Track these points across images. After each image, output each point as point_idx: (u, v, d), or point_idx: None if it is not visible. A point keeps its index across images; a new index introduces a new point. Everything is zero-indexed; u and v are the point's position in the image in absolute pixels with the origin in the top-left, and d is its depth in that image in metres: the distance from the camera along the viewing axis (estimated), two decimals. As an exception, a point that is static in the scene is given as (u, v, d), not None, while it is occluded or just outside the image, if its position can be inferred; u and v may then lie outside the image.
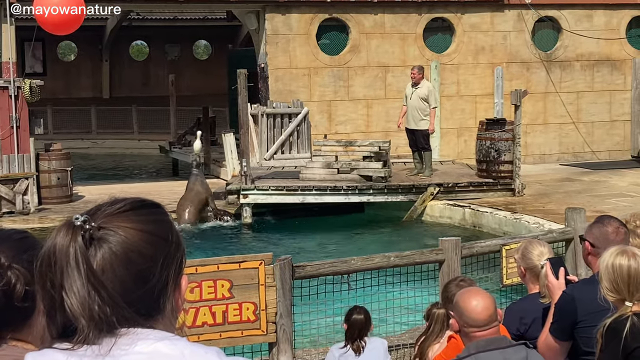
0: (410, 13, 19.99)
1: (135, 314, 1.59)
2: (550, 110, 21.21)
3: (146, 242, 1.64)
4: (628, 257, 3.53)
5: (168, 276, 1.66)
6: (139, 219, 1.67)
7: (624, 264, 3.51)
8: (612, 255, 3.57)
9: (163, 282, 1.65)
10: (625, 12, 21.55)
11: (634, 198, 14.66)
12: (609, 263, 3.55)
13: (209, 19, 32.23)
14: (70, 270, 1.57)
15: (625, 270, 3.50)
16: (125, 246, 1.62)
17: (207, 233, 15.34)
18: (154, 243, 1.65)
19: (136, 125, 29.73)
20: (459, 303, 3.76)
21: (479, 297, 3.74)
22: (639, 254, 3.55)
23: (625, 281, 3.49)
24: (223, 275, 6.15)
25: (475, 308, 3.68)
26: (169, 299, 1.66)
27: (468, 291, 3.88)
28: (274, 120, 16.13)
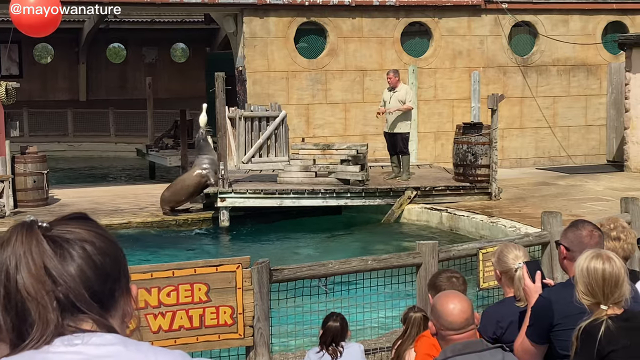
0: (388, 17, 20.05)
1: (96, 313, 1.60)
2: (526, 115, 21.34)
3: (101, 240, 1.67)
4: (603, 260, 3.55)
5: (120, 275, 1.68)
6: (88, 223, 1.71)
7: (599, 267, 3.53)
8: (587, 258, 3.59)
9: (118, 281, 1.67)
10: (601, 17, 21.73)
11: (609, 202, 14.77)
12: (584, 266, 3.57)
13: (187, 21, 32.16)
14: (29, 267, 1.58)
15: (600, 274, 3.51)
16: (82, 243, 1.64)
17: (184, 237, 15.29)
18: (107, 242, 1.68)
19: (113, 128, 29.59)
20: (436, 306, 3.78)
21: (456, 301, 3.76)
22: (613, 257, 3.58)
23: (599, 284, 3.51)
24: (200, 278, 6.13)
25: (452, 311, 3.70)
26: (123, 300, 1.67)
27: (445, 294, 3.90)
28: (251, 123, 16.11)
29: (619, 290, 3.52)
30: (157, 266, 6.23)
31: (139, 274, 5.87)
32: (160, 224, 15.54)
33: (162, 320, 5.99)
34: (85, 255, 1.63)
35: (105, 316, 1.63)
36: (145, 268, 6.13)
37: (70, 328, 1.59)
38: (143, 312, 5.82)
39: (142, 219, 15.56)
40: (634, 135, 19.49)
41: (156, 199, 17.28)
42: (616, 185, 17.31)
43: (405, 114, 15.74)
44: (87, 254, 1.63)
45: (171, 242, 14.87)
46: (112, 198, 17.44)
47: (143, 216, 15.73)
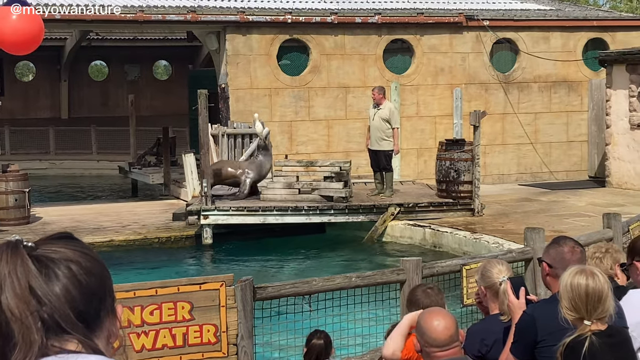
0: (370, 34, 20.13)
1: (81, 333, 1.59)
2: (508, 131, 21.44)
3: (86, 260, 1.66)
4: (586, 276, 3.56)
5: (106, 295, 1.67)
6: (73, 242, 1.70)
7: (582, 283, 3.54)
8: (571, 274, 3.60)
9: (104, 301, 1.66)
10: (581, 34, 21.91)
11: (591, 218, 14.84)
12: (568, 282, 3.58)
13: (169, 39, 32.17)
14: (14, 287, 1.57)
15: (583, 289, 3.53)
16: (68, 263, 1.63)
17: (168, 255, 15.23)
18: (93, 261, 1.67)
19: (95, 145, 29.49)
20: (421, 323, 3.78)
21: (440, 317, 3.76)
22: (597, 273, 3.59)
23: (583, 300, 3.52)
24: (183, 297, 6.10)
25: (437, 328, 3.69)
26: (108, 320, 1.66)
27: (430, 311, 3.90)
28: (234, 140, 16.10)
29: (602, 306, 3.53)
30: (140, 284, 6.20)
31: (121, 292, 5.83)
32: (143, 242, 15.47)
33: (145, 339, 5.95)
34: (71, 274, 1.62)
35: (91, 336, 1.62)
36: (128, 286, 6.09)
37: (55, 348, 1.58)
38: (126, 331, 5.77)
39: (124, 237, 15.49)
40: (615, 151, 19.63)
41: (139, 217, 17.25)
42: (598, 201, 17.40)
43: (386, 131, 15.77)
44: (73, 274, 1.62)
45: (154, 260, 14.80)
46: (94, 216, 17.36)
47: (126, 234, 15.66)
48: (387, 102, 16.23)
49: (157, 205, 18.83)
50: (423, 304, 4.65)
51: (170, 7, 19.27)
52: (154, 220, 16.82)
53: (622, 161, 19.46)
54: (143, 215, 17.50)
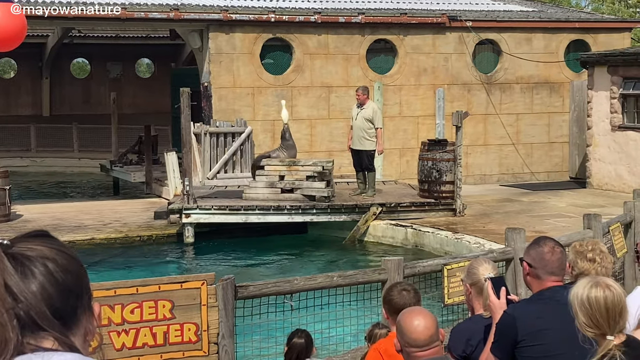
0: (354, 34, 20.15)
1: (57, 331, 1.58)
2: (490, 132, 21.52)
3: (62, 258, 1.66)
4: (602, 288, 3.30)
5: (82, 293, 1.66)
6: (49, 240, 1.70)
7: (600, 295, 3.28)
8: (586, 288, 3.33)
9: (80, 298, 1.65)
10: (563, 35, 22.02)
11: (572, 219, 14.91)
12: (584, 297, 3.30)
13: (152, 37, 32.05)
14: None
15: (602, 303, 3.27)
16: (44, 260, 1.63)
17: (149, 253, 15.19)
18: (69, 259, 1.66)
19: (77, 143, 29.35)
20: (400, 322, 3.77)
21: (420, 317, 3.74)
22: (612, 284, 3.36)
23: (604, 315, 3.27)
24: (164, 295, 6.08)
25: (417, 328, 3.68)
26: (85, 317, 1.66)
27: (410, 311, 3.88)
28: (217, 139, 16.06)
29: (623, 319, 3.29)
30: (120, 283, 6.17)
31: (102, 290, 5.81)
32: (124, 240, 15.42)
33: (126, 337, 5.93)
34: (47, 272, 1.62)
35: (67, 334, 1.61)
36: (109, 285, 6.07)
37: (31, 346, 1.57)
38: (106, 329, 5.76)
39: (105, 235, 15.43)
40: (596, 153, 19.74)
41: (120, 215, 17.20)
42: (579, 202, 17.49)
43: (369, 130, 15.78)
44: (49, 271, 1.62)
45: (135, 258, 14.75)
46: (75, 214, 17.28)
47: (107, 232, 15.60)
48: (371, 102, 16.24)
49: (139, 204, 18.76)
50: (397, 304, 4.63)
51: (153, 4, 19.20)
52: (135, 219, 16.76)
53: (603, 162, 19.58)
54: (124, 213, 17.44)
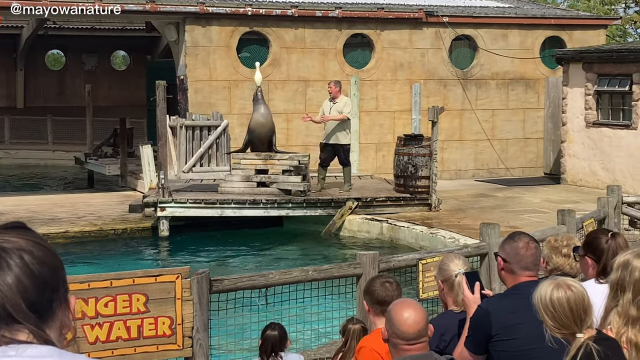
0: (331, 28, 20.14)
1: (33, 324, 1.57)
2: (466, 127, 21.61)
3: (39, 250, 1.65)
4: (564, 289, 3.33)
5: (59, 285, 1.65)
6: (26, 232, 1.69)
7: (563, 296, 3.31)
8: (548, 290, 3.36)
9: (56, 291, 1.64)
10: (539, 32, 22.13)
11: (546, 214, 15.01)
12: (547, 300, 3.33)
13: (128, 29, 31.85)
14: None
15: (565, 304, 3.31)
16: (20, 252, 1.62)
17: (123, 246, 15.12)
18: (45, 251, 1.66)
19: (51, 135, 29.14)
20: (391, 312, 3.71)
21: (411, 310, 3.68)
22: (572, 283, 3.39)
23: (569, 315, 3.30)
24: (139, 289, 6.06)
25: (406, 321, 3.64)
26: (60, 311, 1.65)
27: (402, 302, 3.83)
28: (192, 132, 16.00)
29: (588, 315, 3.33)
30: (94, 276, 6.14)
31: (76, 283, 5.77)
32: (99, 234, 15.33)
33: (100, 331, 5.90)
34: (23, 264, 1.60)
35: (42, 327, 1.60)
36: (83, 278, 6.03)
37: (5, 339, 1.56)
38: (80, 322, 5.73)
39: (79, 228, 15.34)
40: (571, 149, 19.87)
41: (94, 208, 17.09)
42: (553, 197, 17.61)
43: (343, 124, 15.76)
44: (25, 263, 1.61)
45: (110, 251, 14.68)
46: (49, 207, 17.16)
47: (81, 225, 15.51)
48: (343, 96, 16.22)
49: (114, 197, 18.67)
50: (379, 296, 4.64)
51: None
52: (110, 212, 16.68)
53: (577, 158, 19.72)
54: (99, 206, 17.34)
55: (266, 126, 15.64)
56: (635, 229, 12.77)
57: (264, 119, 15.63)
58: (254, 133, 15.64)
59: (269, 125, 15.70)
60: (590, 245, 4.74)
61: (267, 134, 15.67)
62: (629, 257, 3.68)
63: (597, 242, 4.69)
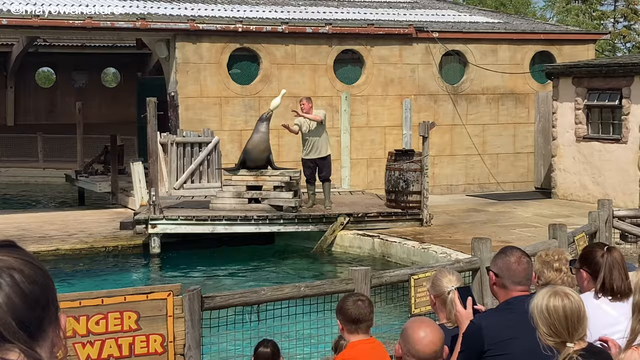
0: (321, 45, 20.18)
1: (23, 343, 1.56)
2: (456, 142, 21.65)
3: (29, 268, 1.64)
4: (561, 297, 3.35)
5: (49, 304, 1.65)
6: (16, 250, 1.68)
7: (559, 304, 3.33)
8: (545, 297, 3.38)
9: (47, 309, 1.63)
10: (528, 47, 22.23)
11: (537, 228, 15.02)
12: (543, 306, 3.35)
13: (118, 46, 31.87)
14: None
15: (561, 312, 3.32)
16: (10, 271, 1.61)
17: (115, 264, 15.06)
18: (36, 270, 1.65)
19: (41, 153, 29.07)
20: (407, 330, 3.70)
21: (428, 330, 3.66)
22: (570, 292, 3.40)
23: (563, 323, 3.32)
24: (130, 306, 6.03)
25: (422, 340, 3.62)
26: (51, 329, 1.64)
27: (420, 321, 3.82)
28: (183, 149, 15.99)
29: (582, 325, 3.34)
30: (85, 294, 6.11)
31: (67, 302, 5.75)
32: (90, 251, 15.28)
33: (91, 349, 5.87)
34: (14, 283, 1.60)
35: (33, 346, 1.59)
36: (74, 296, 6.00)
37: None
38: (71, 341, 5.70)
39: (70, 246, 15.28)
40: (561, 163, 19.93)
41: (85, 225, 17.04)
42: (544, 212, 17.64)
43: (321, 139, 15.72)
44: (15, 282, 1.60)
45: (101, 269, 14.62)
46: (40, 225, 17.10)
47: (72, 243, 15.45)
48: (318, 110, 16.19)
49: (104, 214, 18.62)
50: (352, 315, 4.67)
51: (119, 14, 19.11)
52: (101, 229, 16.63)
53: (568, 173, 19.77)
54: (90, 224, 17.29)
55: (262, 148, 15.63)
56: (627, 243, 12.79)
57: (262, 142, 15.62)
58: (250, 154, 15.59)
59: (265, 146, 15.66)
60: (586, 258, 4.74)
61: (263, 156, 15.66)
62: None
63: (592, 256, 4.69)
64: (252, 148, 15.61)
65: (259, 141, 15.61)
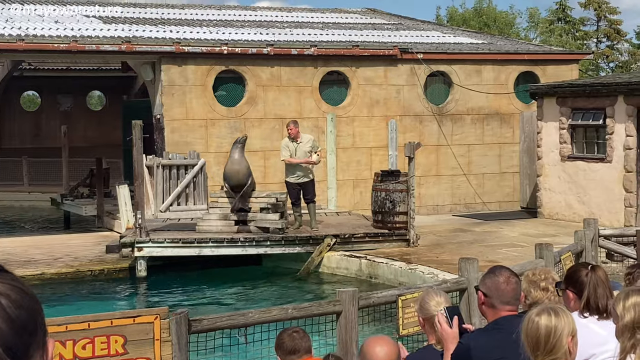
0: (307, 66, 20.24)
1: None
2: (442, 162, 21.71)
3: (16, 293, 1.62)
4: (548, 315, 3.34)
5: (37, 329, 1.63)
6: (3, 275, 1.67)
7: (542, 322, 3.32)
8: (534, 312, 3.38)
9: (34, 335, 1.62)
10: (512, 67, 22.36)
11: (523, 248, 15.05)
12: (528, 321, 3.36)
13: (103, 69, 31.87)
14: None
15: (543, 329, 3.31)
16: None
17: (101, 288, 14.98)
18: (23, 294, 1.64)
19: (27, 177, 28.94)
20: (363, 348, 3.84)
21: (384, 344, 3.80)
22: (560, 311, 3.37)
23: (541, 341, 3.31)
24: (117, 330, 5.99)
25: (378, 354, 3.72)
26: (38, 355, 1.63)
27: (374, 338, 3.95)
28: (169, 171, 15.96)
29: (557, 348, 3.29)
30: (72, 318, 6.07)
31: (53, 326, 5.71)
32: (75, 275, 15.19)
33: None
34: (0, 308, 1.58)
35: None
36: (60, 320, 5.96)
37: None
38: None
39: (56, 270, 15.18)
40: (547, 182, 20.00)
41: (71, 249, 16.96)
42: (530, 231, 17.68)
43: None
44: (2, 307, 1.58)
45: (87, 293, 14.54)
46: (25, 249, 17.00)
47: (58, 267, 15.36)
48: (305, 135, 16.22)
49: (90, 238, 18.53)
50: (288, 347, 4.89)
51: (104, 37, 19.12)
52: (86, 253, 16.54)
53: (553, 192, 19.84)
54: (76, 247, 17.20)
55: (238, 170, 15.56)
56: (613, 262, 12.83)
57: (237, 165, 15.57)
58: (231, 181, 15.55)
59: (240, 169, 15.58)
60: (571, 278, 4.75)
61: (243, 179, 15.57)
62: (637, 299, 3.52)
63: (577, 275, 4.70)
64: (229, 176, 15.55)
65: (232, 167, 15.53)
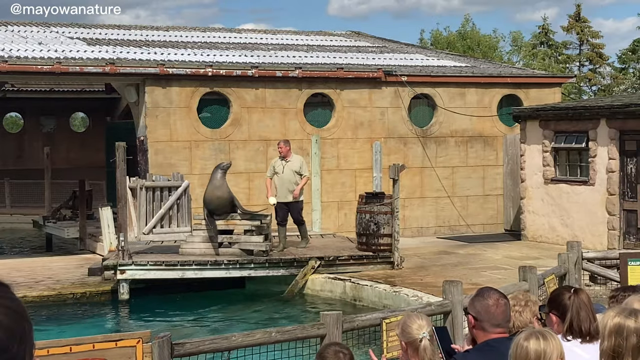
0: (291, 88, 20.28)
1: None
2: (426, 185, 21.74)
3: (4, 314, 1.58)
4: (533, 338, 3.33)
5: (25, 351, 1.60)
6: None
7: (527, 345, 3.31)
8: (522, 336, 3.37)
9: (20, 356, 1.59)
10: (496, 90, 22.48)
11: (507, 270, 15.06)
12: (515, 344, 3.35)
13: (87, 91, 31.79)
14: None
15: (524, 354, 3.30)
16: None
17: (83, 311, 14.85)
18: (12, 316, 1.60)
19: (9, 199, 28.77)
20: None
21: None
22: (547, 335, 3.36)
23: None
24: (99, 354, 5.92)
25: None
26: None
27: None
28: (153, 193, 15.90)
29: None
30: (53, 342, 6.00)
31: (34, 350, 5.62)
32: (57, 298, 15.06)
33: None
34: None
35: None
36: (42, 344, 5.88)
37: None
38: (38, 391, 5.57)
39: (38, 293, 15.05)
40: (530, 205, 20.05)
41: (53, 272, 16.83)
42: (514, 253, 17.69)
43: (294, 183, 15.83)
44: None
45: (69, 316, 14.41)
46: (6, 271, 16.85)
47: (39, 290, 15.23)
48: (294, 155, 16.31)
49: (73, 260, 18.40)
50: None
51: (88, 59, 19.09)
52: (69, 276, 16.42)
53: (537, 215, 19.89)
54: (58, 270, 17.07)
55: (218, 196, 15.44)
56: (596, 285, 12.84)
57: (216, 190, 15.47)
58: (211, 205, 15.42)
59: (221, 194, 15.47)
60: (554, 302, 4.75)
61: (224, 203, 15.46)
62: (619, 321, 3.44)
63: (560, 299, 4.70)
64: (209, 201, 15.42)
65: (213, 192, 15.41)
